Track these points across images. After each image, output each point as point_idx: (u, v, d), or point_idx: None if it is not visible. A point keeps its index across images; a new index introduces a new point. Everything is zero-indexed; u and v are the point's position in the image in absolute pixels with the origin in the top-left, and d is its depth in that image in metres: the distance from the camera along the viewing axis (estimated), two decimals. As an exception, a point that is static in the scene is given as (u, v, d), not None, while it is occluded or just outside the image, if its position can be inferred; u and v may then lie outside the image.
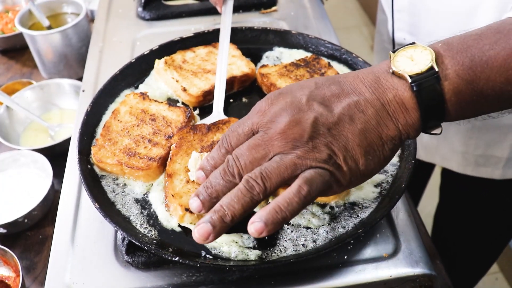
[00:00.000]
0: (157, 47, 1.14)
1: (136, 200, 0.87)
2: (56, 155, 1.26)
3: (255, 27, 1.19)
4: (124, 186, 0.89)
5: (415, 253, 0.81)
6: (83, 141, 0.93)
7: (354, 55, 1.11)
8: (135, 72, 1.10)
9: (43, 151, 1.26)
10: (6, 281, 1.05)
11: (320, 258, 0.79)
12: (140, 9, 1.37)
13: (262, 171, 0.63)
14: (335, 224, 0.82)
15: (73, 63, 1.57)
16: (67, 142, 1.25)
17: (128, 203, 0.86)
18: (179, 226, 0.82)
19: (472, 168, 1.35)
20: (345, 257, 0.80)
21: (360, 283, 0.78)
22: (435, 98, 0.65)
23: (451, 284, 1.18)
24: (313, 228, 0.82)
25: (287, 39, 1.18)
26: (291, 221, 0.82)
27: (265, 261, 0.77)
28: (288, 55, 1.17)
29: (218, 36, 1.17)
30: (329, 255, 0.80)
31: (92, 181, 0.88)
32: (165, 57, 1.11)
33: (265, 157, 0.65)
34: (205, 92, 1.04)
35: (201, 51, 1.14)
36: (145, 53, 1.12)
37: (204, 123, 0.93)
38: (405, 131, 0.67)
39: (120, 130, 0.95)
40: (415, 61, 0.66)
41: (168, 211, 0.83)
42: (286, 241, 0.80)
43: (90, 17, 1.79)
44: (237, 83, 1.08)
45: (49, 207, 1.20)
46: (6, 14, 1.80)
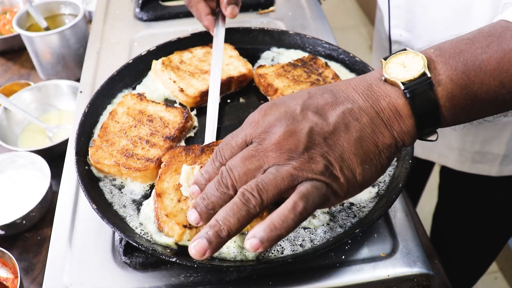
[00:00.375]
0: (155, 47, 1.14)
1: (133, 201, 0.87)
2: (54, 156, 1.26)
3: (253, 28, 1.19)
4: (122, 187, 0.89)
5: (412, 253, 0.81)
6: (80, 142, 0.93)
7: (351, 55, 1.11)
8: (133, 73, 1.11)
9: (41, 152, 1.26)
10: (5, 282, 1.05)
11: (318, 258, 0.79)
12: (138, 10, 1.37)
13: (258, 183, 0.61)
14: (333, 224, 0.82)
15: (71, 64, 1.57)
16: (65, 143, 1.25)
17: (125, 204, 0.86)
18: (176, 244, 0.79)
19: (469, 165, 1.35)
20: (343, 257, 0.80)
21: (358, 283, 0.78)
22: (429, 104, 0.64)
23: (449, 283, 1.18)
24: (311, 228, 0.82)
25: (285, 39, 1.18)
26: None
27: (262, 261, 0.77)
28: (285, 55, 1.17)
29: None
30: (326, 255, 0.80)
31: (90, 182, 0.88)
32: (163, 58, 1.11)
33: (259, 168, 0.63)
34: (202, 93, 1.04)
35: (198, 51, 1.14)
36: (143, 53, 1.12)
37: (198, 144, 0.90)
38: (400, 139, 0.66)
39: (117, 131, 0.95)
40: (407, 68, 0.65)
41: (162, 232, 0.80)
42: (283, 241, 0.80)
43: (88, 18, 1.79)
44: (234, 83, 1.08)
45: (47, 208, 1.20)
46: (3, 15, 1.80)
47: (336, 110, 0.66)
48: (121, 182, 0.90)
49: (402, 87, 0.64)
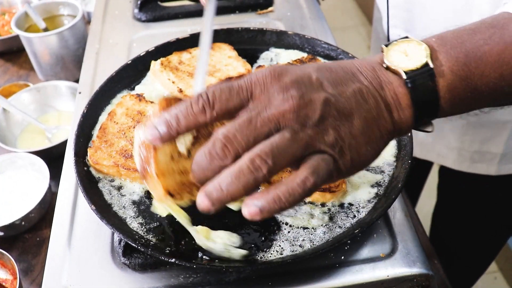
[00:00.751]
0: (153, 48, 1.14)
1: (132, 201, 0.87)
2: (53, 157, 1.26)
3: (251, 28, 1.19)
4: (121, 188, 0.89)
5: (412, 253, 0.81)
6: (79, 143, 0.93)
7: (350, 55, 1.11)
8: (131, 73, 1.10)
9: (40, 153, 1.26)
10: (4, 283, 1.05)
11: (317, 259, 0.79)
12: (136, 10, 1.37)
13: (273, 148, 0.55)
14: (332, 224, 0.82)
15: (69, 65, 1.57)
16: (64, 144, 1.25)
17: (124, 204, 0.86)
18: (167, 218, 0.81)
19: (468, 165, 1.36)
20: (342, 257, 0.80)
21: (357, 283, 0.78)
22: (429, 96, 0.63)
23: (449, 283, 1.18)
24: (310, 228, 0.82)
25: (284, 39, 1.18)
26: (289, 221, 0.83)
27: (262, 262, 0.77)
28: (284, 55, 1.17)
29: (214, 37, 1.16)
30: (326, 256, 0.80)
31: (89, 183, 0.88)
32: (161, 59, 1.11)
33: (271, 130, 0.57)
34: (201, 93, 1.04)
35: (197, 52, 1.14)
36: (141, 54, 1.12)
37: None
38: (398, 127, 0.64)
39: (116, 132, 0.95)
40: (409, 56, 0.64)
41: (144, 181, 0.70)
42: (283, 241, 0.80)
43: (87, 19, 1.79)
44: (233, 84, 1.08)
45: (46, 209, 1.20)
46: (2, 16, 1.80)
47: (347, 86, 0.62)
48: (120, 183, 0.90)
49: (404, 76, 0.63)
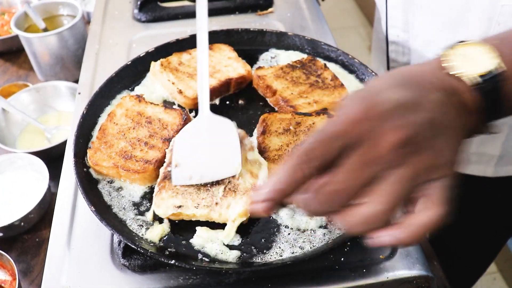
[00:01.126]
0: (153, 49, 1.14)
1: (132, 203, 0.87)
2: (52, 157, 1.26)
3: (251, 29, 1.19)
4: (120, 189, 0.89)
5: (411, 255, 0.81)
6: (79, 144, 0.93)
7: (350, 56, 1.11)
8: (131, 74, 1.10)
9: (39, 153, 1.25)
10: (3, 284, 1.05)
11: (317, 260, 0.79)
12: (136, 11, 1.37)
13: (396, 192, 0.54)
14: (332, 226, 0.82)
15: (69, 65, 1.57)
16: (63, 144, 1.25)
17: (124, 206, 0.86)
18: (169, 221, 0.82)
19: (465, 166, 1.36)
20: (342, 259, 0.80)
21: (357, 285, 0.78)
22: (495, 100, 0.60)
23: (448, 284, 1.18)
24: (309, 230, 0.82)
25: (283, 40, 1.18)
26: (288, 223, 0.82)
27: (261, 263, 0.77)
28: (284, 56, 1.17)
29: (214, 37, 1.17)
30: (326, 257, 0.80)
31: (88, 184, 0.88)
32: (161, 59, 1.10)
33: (371, 179, 0.54)
34: (201, 94, 1.04)
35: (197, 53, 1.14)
36: (141, 55, 1.12)
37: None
38: (467, 134, 0.61)
39: (116, 133, 0.95)
40: (474, 61, 0.60)
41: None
42: (282, 243, 0.80)
43: (86, 19, 1.79)
44: (233, 85, 1.08)
45: (45, 210, 1.19)
46: (2, 16, 1.80)
47: (428, 100, 0.57)
48: (120, 184, 0.90)
49: (473, 82, 0.59)
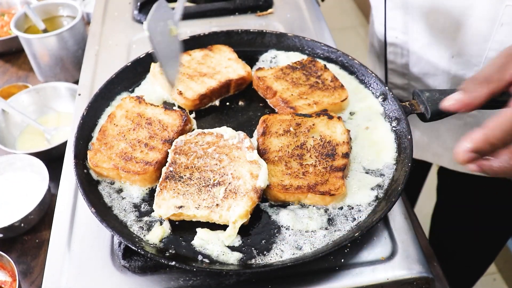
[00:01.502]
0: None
1: (132, 204, 0.87)
2: (52, 158, 1.26)
3: (251, 30, 1.19)
4: (121, 191, 0.89)
5: (412, 256, 0.81)
6: (79, 145, 0.93)
7: (350, 57, 1.11)
8: (131, 75, 1.10)
9: (39, 154, 1.25)
10: (3, 286, 1.05)
11: (317, 262, 0.79)
12: (136, 12, 1.37)
13: None
14: (332, 227, 0.82)
15: (69, 66, 1.57)
16: (63, 145, 1.25)
17: (125, 207, 0.86)
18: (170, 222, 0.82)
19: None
20: (342, 260, 0.80)
21: (357, 286, 0.78)
22: None
23: (447, 284, 1.18)
24: (310, 231, 0.82)
25: (283, 41, 1.18)
26: (289, 224, 0.82)
27: (262, 265, 0.77)
28: (284, 57, 1.17)
29: (214, 39, 1.17)
30: (326, 258, 0.80)
31: (89, 185, 0.88)
32: (161, 60, 1.10)
33: None
34: (201, 96, 1.04)
35: (197, 54, 1.14)
36: (141, 56, 1.12)
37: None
38: None
39: (116, 134, 0.95)
40: None
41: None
42: (283, 244, 0.80)
43: (86, 20, 1.79)
44: (233, 86, 1.08)
45: (45, 211, 1.19)
46: (1, 17, 1.80)
47: None
48: (120, 186, 0.90)
49: None
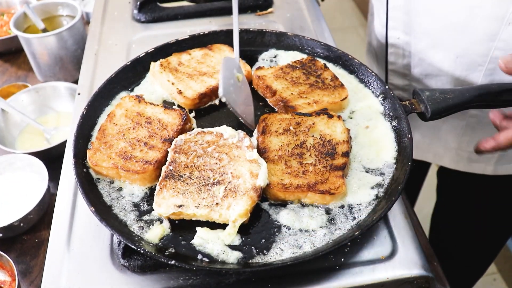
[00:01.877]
0: (153, 49, 1.13)
1: (132, 203, 0.87)
2: (52, 158, 1.26)
3: (251, 29, 1.19)
4: (120, 190, 0.89)
5: (412, 255, 0.81)
6: (78, 145, 0.93)
7: (350, 56, 1.11)
8: (131, 74, 1.10)
9: (39, 154, 1.25)
10: (2, 285, 1.05)
11: (317, 261, 0.79)
12: (136, 11, 1.37)
13: None
14: (332, 226, 0.82)
15: (68, 65, 1.57)
16: (63, 145, 1.25)
17: (124, 206, 0.86)
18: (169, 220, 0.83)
19: (465, 164, 1.36)
20: (342, 259, 0.80)
21: (357, 285, 0.78)
22: None
23: (447, 284, 1.18)
24: (310, 230, 0.81)
25: (283, 40, 1.18)
26: (290, 223, 0.82)
27: (261, 264, 0.77)
28: (284, 57, 1.16)
29: (213, 38, 1.17)
30: (326, 257, 0.80)
31: (88, 184, 0.88)
32: (161, 60, 1.10)
33: None
34: (201, 95, 1.03)
35: (196, 53, 1.14)
36: (141, 55, 1.12)
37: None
38: None
39: (115, 133, 0.94)
40: None
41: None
42: (283, 243, 0.80)
43: (86, 20, 1.79)
44: (233, 85, 1.08)
45: (45, 210, 1.19)
46: (1, 17, 1.80)
47: None
48: (120, 185, 0.90)
49: None
